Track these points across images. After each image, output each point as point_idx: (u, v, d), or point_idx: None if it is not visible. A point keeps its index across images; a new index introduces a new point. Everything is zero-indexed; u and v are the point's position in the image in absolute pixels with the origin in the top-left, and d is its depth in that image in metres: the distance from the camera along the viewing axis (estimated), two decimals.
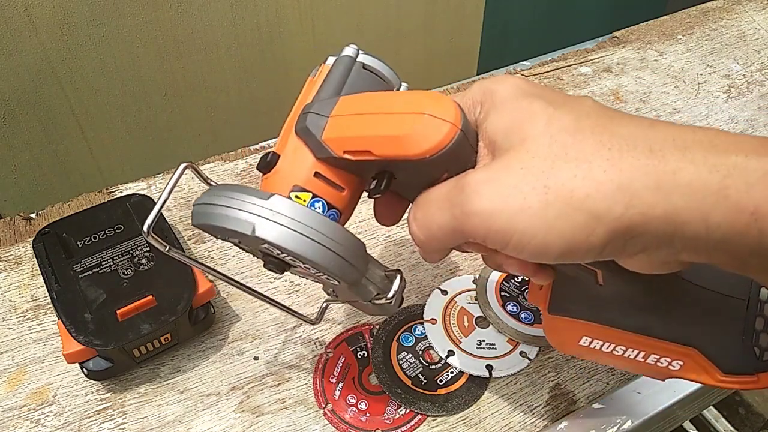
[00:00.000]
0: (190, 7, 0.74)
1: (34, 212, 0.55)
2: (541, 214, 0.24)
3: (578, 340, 0.34)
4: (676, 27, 0.78)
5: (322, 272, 0.29)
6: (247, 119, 0.90)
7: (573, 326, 0.34)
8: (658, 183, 0.22)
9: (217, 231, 0.30)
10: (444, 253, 0.31)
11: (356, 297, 0.33)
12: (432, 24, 0.98)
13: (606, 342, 0.33)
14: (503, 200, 0.25)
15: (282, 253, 0.28)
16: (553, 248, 0.24)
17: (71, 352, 0.40)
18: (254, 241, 0.28)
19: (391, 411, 0.42)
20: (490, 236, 0.25)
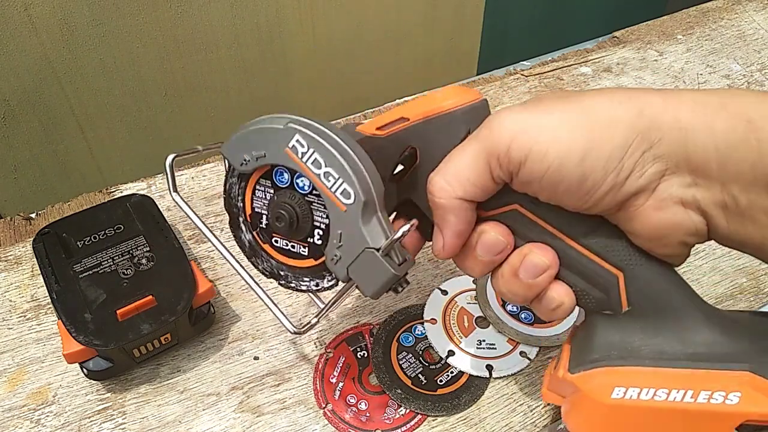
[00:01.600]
0: (190, 7, 0.74)
1: (34, 212, 0.55)
2: (565, 122, 0.27)
3: (609, 392, 0.27)
4: (676, 27, 0.78)
5: (344, 179, 0.30)
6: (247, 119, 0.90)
7: (601, 378, 0.28)
8: (665, 99, 0.27)
9: (247, 143, 0.32)
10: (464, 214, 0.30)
11: (362, 243, 0.31)
12: (432, 24, 0.98)
13: (644, 388, 0.27)
14: (527, 118, 0.28)
15: (307, 155, 0.30)
16: (576, 147, 0.26)
17: (71, 352, 0.40)
18: (284, 137, 0.31)
19: (391, 411, 0.42)
20: (513, 146, 0.27)
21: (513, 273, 0.31)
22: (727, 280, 0.49)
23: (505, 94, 0.68)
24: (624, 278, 0.29)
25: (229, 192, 0.35)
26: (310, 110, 0.94)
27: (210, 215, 0.55)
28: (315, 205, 0.32)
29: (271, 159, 0.32)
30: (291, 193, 0.33)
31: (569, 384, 0.29)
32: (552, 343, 0.45)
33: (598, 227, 0.30)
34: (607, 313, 0.30)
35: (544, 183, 0.28)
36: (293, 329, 0.34)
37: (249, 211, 0.35)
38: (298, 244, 0.34)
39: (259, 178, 0.34)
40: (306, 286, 0.35)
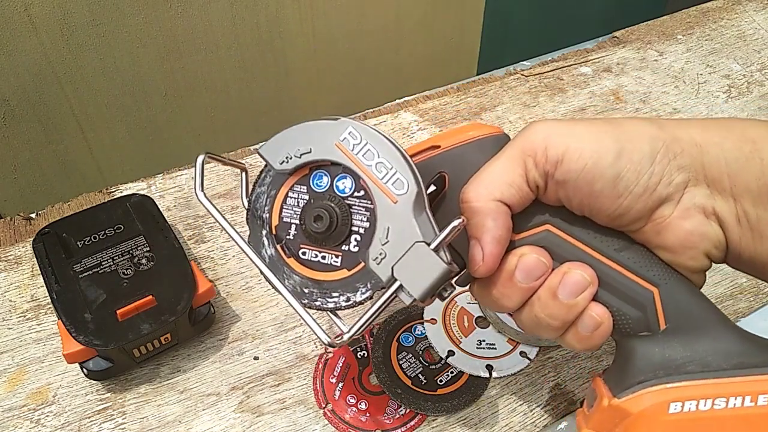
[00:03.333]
0: (190, 7, 0.74)
1: (34, 212, 0.55)
2: (594, 130, 0.29)
3: (666, 409, 0.27)
4: (676, 27, 0.78)
5: (398, 169, 0.30)
6: (247, 119, 0.90)
7: (653, 397, 0.28)
8: (677, 122, 0.29)
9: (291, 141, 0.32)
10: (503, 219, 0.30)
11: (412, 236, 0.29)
12: (432, 24, 0.98)
13: (701, 399, 0.27)
14: (559, 125, 0.29)
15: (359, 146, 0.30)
16: (607, 153, 0.28)
17: (71, 352, 0.40)
18: (335, 131, 0.31)
19: (391, 411, 0.42)
20: (549, 145, 0.29)
21: (552, 294, 0.30)
22: (727, 280, 0.50)
23: (505, 94, 0.68)
24: (659, 294, 0.29)
25: (254, 203, 0.34)
26: (310, 110, 0.94)
27: (210, 215, 0.55)
28: (355, 208, 0.31)
29: (318, 154, 0.31)
30: (330, 195, 0.32)
31: (618, 411, 0.29)
32: (552, 343, 0.45)
33: (629, 244, 0.30)
34: (644, 334, 0.30)
35: (580, 182, 0.28)
36: (327, 340, 0.31)
37: (276, 222, 0.33)
38: (331, 254, 0.32)
39: (293, 184, 0.33)
40: (334, 302, 0.32)
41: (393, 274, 0.30)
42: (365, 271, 0.31)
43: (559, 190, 0.29)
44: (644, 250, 0.30)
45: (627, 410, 0.28)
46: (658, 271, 0.30)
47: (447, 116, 0.65)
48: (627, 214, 0.29)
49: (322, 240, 0.32)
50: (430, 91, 0.69)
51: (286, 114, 0.93)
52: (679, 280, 0.30)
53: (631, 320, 0.30)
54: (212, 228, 0.54)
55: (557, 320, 0.30)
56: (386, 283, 0.30)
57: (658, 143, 0.28)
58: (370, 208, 0.31)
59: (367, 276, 0.31)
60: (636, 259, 0.30)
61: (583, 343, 0.30)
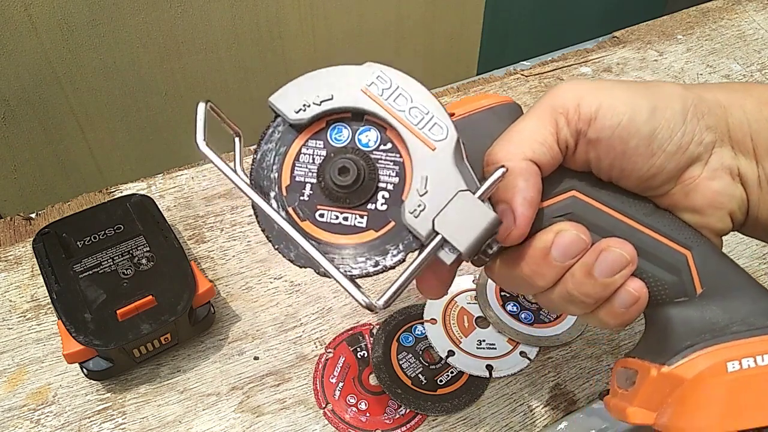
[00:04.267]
0: (190, 7, 0.75)
1: (34, 212, 0.55)
2: (626, 88, 0.28)
3: (725, 368, 0.26)
4: (676, 27, 0.78)
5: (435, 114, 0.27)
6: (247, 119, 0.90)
7: (706, 359, 0.27)
8: (705, 86, 0.30)
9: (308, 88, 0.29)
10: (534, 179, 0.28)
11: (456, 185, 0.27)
12: (432, 24, 0.98)
13: (757, 355, 0.26)
14: (589, 83, 0.29)
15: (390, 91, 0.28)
16: (642, 110, 0.27)
17: (71, 352, 0.40)
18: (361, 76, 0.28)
19: (391, 411, 0.42)
20: (582, 102, 0.28)
21: (587, 272, 0.28)
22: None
23: (505, 94, 0.68)
24: (692, 257, 0.29)
25: (259, 163, 0.30)
26: None
27: (210, 215, 0.55)
28: (382, 162, 0.29)
29: (341, 101, 0.28)
30: (353, 148, 0.29)
31: (670, 379, 0.28)
32: (552, 343, 0.45)
33: (655, 209, 0.30)
34: (681, 300, 0.29)
35: (614, 139, 0.27)
36: (366, 302, 0.27)
37: (286, 182, 0.30)
38: (354, 214, 0.29)
39: (307, 139, 0.29)
40: (360, 268, 0.28)
41: (434, 227, 0.27)
42: (396, 231, 0.28)
43: (590, 150, 0.28)
44: (670, 214, 0.30)
45: (680, 376, 0.27)
46: (689, 234, 0.29)
47: None
48: (659, 174, 0.28)
49: (344, 198, 0.29)
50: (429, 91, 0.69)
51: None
52: (708, 243, 0.29)
53: (668, 286, 0.29)
54: (212, 228, 0.54)
55: (591, 298, 0.29)
56: (426, 238, 0.27)
57: (687, 101, 0.28)
58: (398, 162, 0.28)
59: (398, 236, 0.28)
60: (665, 222, 0.29)
61: (618, 318, 0.29)
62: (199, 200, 0.56)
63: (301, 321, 0.47)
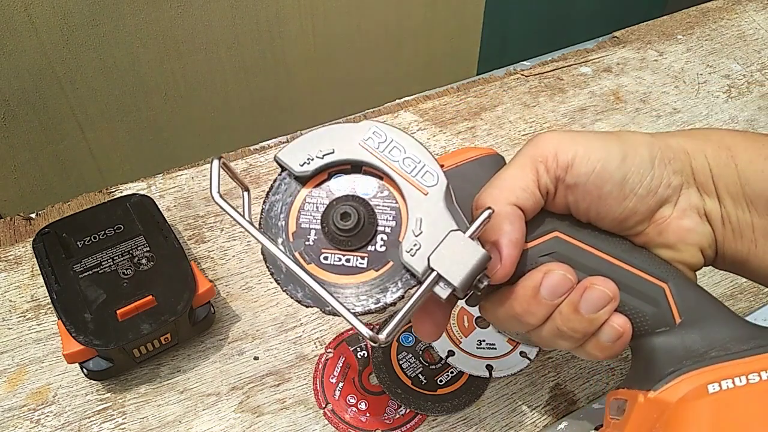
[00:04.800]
0: (190, 7, 0.75)
1: (34, 212, 0.55)
2: (598, 138, 0.31)
3: (705, 390, 0.28)
4: (676, 27, 0.78)
5: (425, 163, 0.30)
6: (247, 119, 0.90)
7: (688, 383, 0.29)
8: (669, 134, 0.32)
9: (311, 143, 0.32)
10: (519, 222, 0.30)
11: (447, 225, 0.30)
12: (432, 24, 0.98)
13: (735, 377, 0.28)
14: (564, 134, 0.31)
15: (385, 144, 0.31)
16: (613, 157, 0.30)
17: (71, 352, 0.40)
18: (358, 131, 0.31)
19: (391, 411, 0.42)
20: (559, 151, 0.30)
21: (573, 309, 0.30)
22: (728, 279, 0.50)
23: (505, 94, 0.68)
24: (669, 289, 0.31)
25: (268, 212, 0.32)
26: (310, 110, 0.94)
27: (210, 215, 0.55)
28: (380, 208, 0.31)
29: (342, 154, 0.31)
30: (353, 196, 0.32)
31: (656, 404, 0.29)
32: None
33: (632, 246, 0.32)
34: (662, 330, 0.31)
35: (589, 185, 0.30)
36: (370, 335, 0.29)
37: (293, 229, 0.32)
38: (356, 256, 0.31)
39: (311, 189, 0.32)
40: (362, 306, 0.31)
41: (429, 264, 0.29)
42: (395, 270, 0.31)
43: (568, 194, 0.31)
44: (646, 251, 0.32)
45: (665, 400, 0.29)
46: (664, 269, 0.31)
47: (447, 116, 0.65)
48: (632, 216, 0.30)
49: (346, 241, 0.31)
50: (430, 91, 0.69)
51: (286, 114, 0.93)
52: (683, 276, 0.31)
53: (649, 317, 0.31)
54: (212, 228, 0.54)
55: (578, 333, 0.30)
56: (422, 274, 0.29)
57: (654, 149, 0.30)
58: (395, 207, 0.31)
59: (397, 275, 0.31)
60: (642, 258, 0.31)
61: (605, 352, 0.31)
62: (199, 200, 0.56)
63: (301, 321, 0.47)
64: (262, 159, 0.60)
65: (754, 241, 0.31)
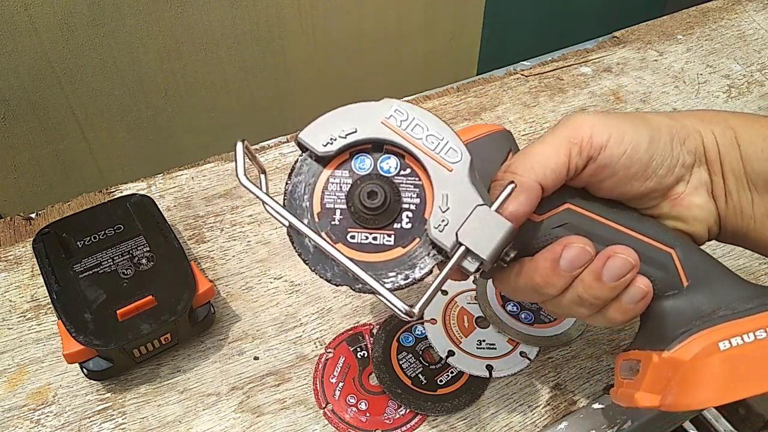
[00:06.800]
0: (190, 7, 0.75)
1: (34, 212, 0.55)
2: (629, 120, 0.33)
3: (716, 348, 0.30)
4: (676, 27, 0.78)
5: (448, 140, 0.31)
6: (247, 119, 0.90)
7: (699, 342, 0.30)
8: (683, 114, 0.34)
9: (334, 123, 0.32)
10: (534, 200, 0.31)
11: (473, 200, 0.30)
12: (432, 24, 0.98)
13: (743, 334, 0.30)
14: (598, 116, 0.33)
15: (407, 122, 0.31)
16: (643, 140, 0.32)
17: (71, 352, 0.40)
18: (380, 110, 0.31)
19: (391, 411, 0.42)
20: (594, 133, 0.32)
21: (596, 277, 0.31)
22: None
23: (505, 94, 0.68)
24: (677, 254, 0.32)
25: (291, 193, 0.32)
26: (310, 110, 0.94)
27: (210, 215, 0.55)
28: (403, 186, 0.32)
29: (365, 133, 0.31)
30: (376, 175, 0.32)
31: (670, 363, 0.31)
32: (552, 343, 0.45)
33: (640, 216, 0.34)
34: (671, 294, 0.32)
35: (619, 165, 0.32)
36: (406, 309, 0.30)
37: (318, 210, 0.32)
38: (382, 234, 0.32)
39: (334, 169, 0.32)
40: (391, 282, 0.31)
41: (458, 239, 0.30)
42: (422, 246, 0.31)
43: (597, 173, 0.32)
44: (653, 219, 0.34)
45: (679, 359, 0.30)
46: (671, 236, 0.33)
47: (447, 116, 0.65)
48: (651, 193, 0.33)
49: (373, 219, 0.31)
50: (430, 91, 0.69)
51: (286, 114, 0.93)
52: (689, 243, 0.33)
53: (658, 282, 0.32)
54: (212, 228, 0.54)
55: (600, 299, 0.32)
56: (451, 249, 0.30)
57: (673, 130, 0.33)
58: (418, 184, 0.32)
59: (424, 250, 0.31)
60: (650, 226, 0.33)
61: (627, 314, 0.32)
62: (199, 200, 0.56)
63: (301, 321, 0.47)
64: (262, 159, 0.60)
65: (753, 218, 0.33)
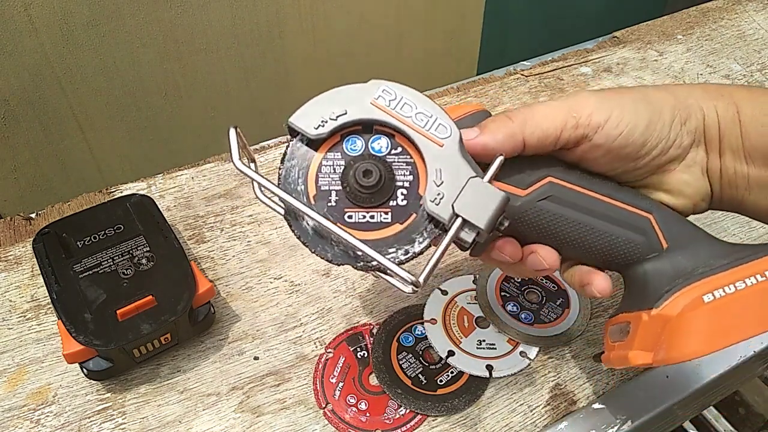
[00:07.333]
0: (190, 7, 0.75)
1: (34, 212, 0.55)
2: (633, 101, 0.34)
3: (701, 301, 0.32)
4: (676, 27, 0.78)
5: (437, 116, 0.32)
6: (247, 119, 0.90)
7: (684, 297, 0.32)
8: (688, 90, 0.35)
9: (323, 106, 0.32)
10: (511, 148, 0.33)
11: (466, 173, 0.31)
12: (432, 24, 0.98)
13: (724, 286, 0.32)
14: (603, 94, 0.34)
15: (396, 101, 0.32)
16: (641, 123, 0.33)
17: (71, 352, 0.40)
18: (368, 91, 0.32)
19: (391, 411, 0.42)
20: (594, 112, 0.33)
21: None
22: None
23: (505, 94, 0.68)
24: (655, 219, 0.35)
25: (285, 178, 0.33)
26: None
27: (210, 215, 0.55)
28: (396, 164, 0.33)
29: (355, 114, 0.32)
30: (369, 155, 0.33)
31: (659, 319, 0.33)
32: (552, 343, 0.45)
33: (618, 185, 0.35)
34: (651, 256, 0.34)
35: (614, 145, 0.33)
36: (412, 279, 0.30)
37: (313, 192, 0.33)
38: (379, 212, 0.32)
39: (326, 152, 0.33)
40: (392, 257, 0.32)
41: (454, 210, 0.31)
42: (419, 221, 0.32)
43: (592, 150, 0.34)
44: (631, 188, 0.36)
45: (667, 315, 0.32)
46: (648, 203, 0.35)
47: None
48: (641, 170, 0.35)
49: (369, 198, 0.32)
50: (430, 91, 0.69)
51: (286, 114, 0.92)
52: (665, 208, 0.35)
53: (640, 245, 0.34)
54: (212, 228, 0.54)
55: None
56: (448, 221, 0.31)
57: (674, 112, 0.34)
58: (410, 162, 0.32)
59: (421, 225, 0.32)
60: (629, 195, 0.35)
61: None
62: (199, 200, 0.56)
63: (301, 321, 0.47)
64: (262, 159, 0.60)
65: (748, 189, 0.34)
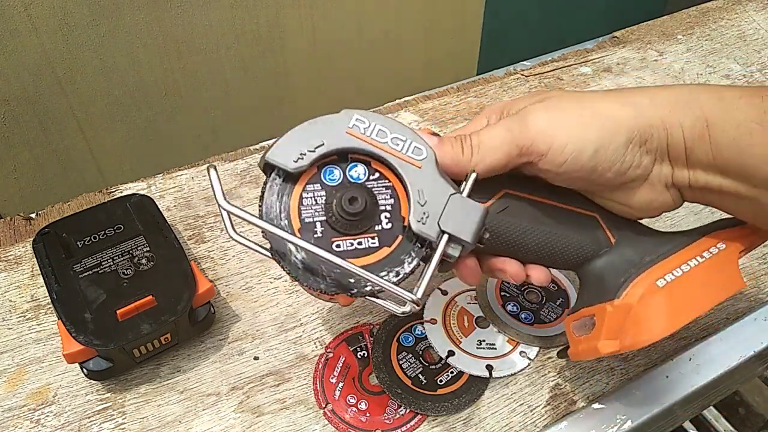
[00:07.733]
0: (190, 7, 0.75)
1: (34, 212, 0.55)
2: (580, 122, 0.33)
3: (656, 285, 0.35)
4: (676, 27, 0.78)
5: (412, 139, 0.33)
6: (247, 119, 0.90)
7: (640, 285, 0.35)
8: (652, 101, 0.33)
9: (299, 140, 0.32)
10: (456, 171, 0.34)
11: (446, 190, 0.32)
12: (432, 24, 0.98)
13: (674, 269, 0.35)
14: (549, 116, 0.33)
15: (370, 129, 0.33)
16: (588, 148, 0.32)
17: (71, 352, 0.40)
18: (342, 121, 0.33)
19: (391, 411, 0.42)
20: (538, 139, 0.33)
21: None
22: None
23: (505, 94, 0.68)
24: (600, 217, 0.37)
25: (267, 215, 0.32)
26: (310, 110, 0.94)
27: (210, 215, 0.55)
28: (376, 189, 0.33)
29: (332, 145, 0.32)
30: (348, 183, 0.33)
31: (622, 308, 0.35)
32: (552, 343, 0.45)
33: (568, 191, 0.37)
34: (603, 252, 0.37)
35: (561, 170, 0.33)
36: (412, 297, 0.31)
37: (298, 226, 0.32)
38: (366, 237, 0.33)
39: (305, 185, 0.33)
40: (386, 281, 0.31)
41: (441, 228, 0.32)
42: (405, 243, 0.33)
43: (542, 172, 0.34)
44: (576, 192, 0.37)
45: (629, 303, 0.35)
46: (592, 205, 0.37)
47: (447, 116, 0.65)
48: (598, 189, 0.36)
49: (355, 225, 0.32)
50: (430, 91, 0.69)
51: (286, 114, 0.93)
52: (607, 210, 0.37)
53: (591, 244, 0.37)
54: (212, 228, 0.54)
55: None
56: (436, 239, 0.32)
57: (633, 133, 0.33)
58: (389, 185, 0.33)
59: (409, 246, 0.33)
60: (576, 199, 0.37)
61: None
62: (199, 200, 0.56)
63: (301, 321, 0.47)
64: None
65: (720, 196, 0.34)
